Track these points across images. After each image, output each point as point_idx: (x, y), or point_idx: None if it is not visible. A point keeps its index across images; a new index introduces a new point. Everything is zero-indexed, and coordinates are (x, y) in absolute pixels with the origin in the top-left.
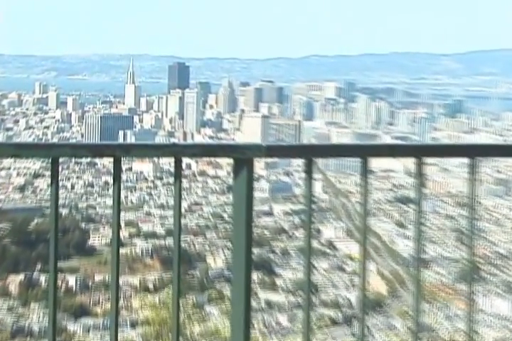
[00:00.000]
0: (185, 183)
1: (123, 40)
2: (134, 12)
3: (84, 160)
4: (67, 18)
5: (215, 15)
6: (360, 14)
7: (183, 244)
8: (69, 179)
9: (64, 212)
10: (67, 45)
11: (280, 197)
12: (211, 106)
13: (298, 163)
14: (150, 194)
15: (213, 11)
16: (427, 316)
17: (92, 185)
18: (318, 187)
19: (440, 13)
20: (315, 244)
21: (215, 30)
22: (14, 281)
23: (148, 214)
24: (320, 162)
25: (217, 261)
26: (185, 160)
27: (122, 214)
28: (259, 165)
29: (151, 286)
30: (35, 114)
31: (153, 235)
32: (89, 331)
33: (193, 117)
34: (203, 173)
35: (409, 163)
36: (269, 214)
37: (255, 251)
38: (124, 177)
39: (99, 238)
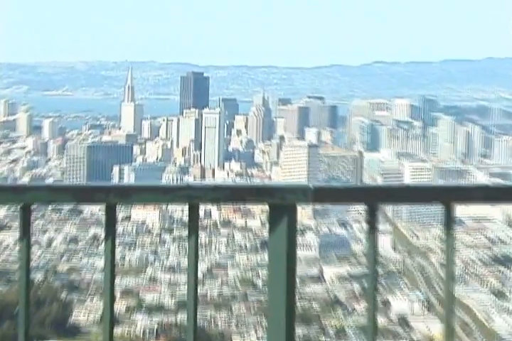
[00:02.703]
0: (203, 238)
1: (119, 43)
2: (134, 10)
3: (65, 206)
4: (45, 17)
5: (243, 12)
6: (441, 10)
7: (200, 321)
8: (45, 232)
9: (38, 277)
10: (44, 49)
11: (333, 257)
12: (239, 132)
13: (358, 209)
14: (155, 252)
15: (241, 8)
16: None
17: (75, 241)
18: (386, 243)
19: None
20: (382, 320)
21: (244, 30)
22: None
23: (153, 280)
24: (388, 209)
25: None
26: (204, 207)
27: (117, 280)
28: (305, 213)
29: None
30: None
31: (159, 309)
32: None
33: (214, 147)
34: (227, 224)
35: None
36: (319, 279)
37: (299, 330)
38: (120, 229)
39: (86, 313)
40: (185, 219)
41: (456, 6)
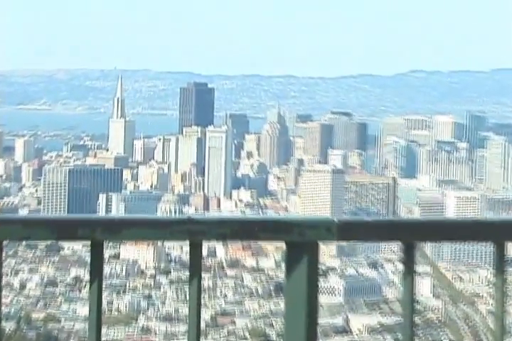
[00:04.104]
0: (206, 280)
1: (107, 48)
2: (124, 11)
3: (41, 243)
4: (20, 19)
5: (255, 12)
6: (491, 11)
7: None
8: (17, 273)
9: (9, 325)
10: (18, 55)
11: (362, 304)
12: (249, 155)
13: (392, 247)
14: (149, 297)
15: (252, 7)
16: None
17: (53, 283)
18: (424, 287)
19: None
20: None
21: (256, 34)
22: None
23: (147, 330)
24: (428, 247)
25: None
26: (208, 244)
27: (104, 330)
28: (329, 252)
29: None
30: None
31: None
32: None
33: (219, 172)
34: (235, 264)
35: None
36: (344, 330)
37: None
38: (107, 269)
39: None
40: (185, 258)
41: (507, 5)
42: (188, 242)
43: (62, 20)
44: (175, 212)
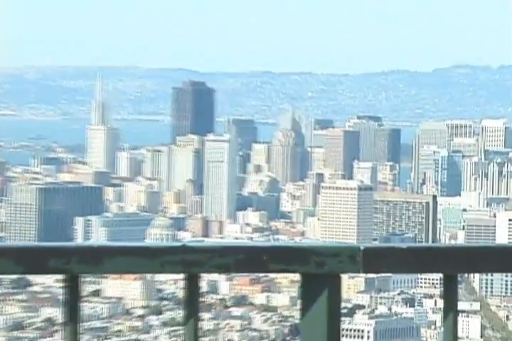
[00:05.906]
0: (206, 322)
1: (85, 41)
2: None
3: (5, 277)
4: None
5: (263, 3)
6: None
7: None
8: None
9: None
10: None
11: None
12: (258, 169)
13: (431, 279)
14: None
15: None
16: None
17: (20, 327)
18: (472, 327)
19: None
20: None
21: (265, 22)
22: None
23: None
24: (475, 279)
25: None
26: (208, 276)
27: None
28: (354, 285)
29: None
30: None
31: None
32: None
33: (221, 190)
34: (242, 302)
35: None
36: None
37: None
38: (85, 309)
39: None
40: (180, 294)
41: None
42: (182, 275)
43: (32, 11)
44: (167, 239)
